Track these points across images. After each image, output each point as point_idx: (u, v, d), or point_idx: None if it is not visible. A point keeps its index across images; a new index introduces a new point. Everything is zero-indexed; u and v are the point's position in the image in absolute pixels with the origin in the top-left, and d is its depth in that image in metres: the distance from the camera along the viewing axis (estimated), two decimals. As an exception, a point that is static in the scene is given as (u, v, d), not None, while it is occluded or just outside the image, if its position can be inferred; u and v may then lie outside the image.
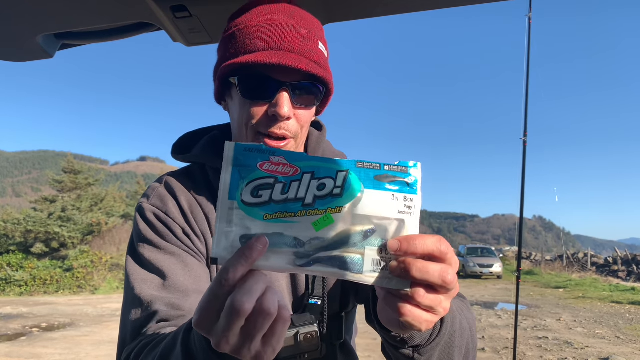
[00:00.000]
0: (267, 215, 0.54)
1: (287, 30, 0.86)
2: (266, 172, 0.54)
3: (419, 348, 0.69)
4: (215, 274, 0.96)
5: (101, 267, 18.66)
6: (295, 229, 0.54)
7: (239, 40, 0.88)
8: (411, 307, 0.55)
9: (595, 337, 8.62)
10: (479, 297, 14.92)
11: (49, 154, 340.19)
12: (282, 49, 0.84)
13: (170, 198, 0.98)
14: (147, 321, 0.85)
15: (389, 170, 0.56)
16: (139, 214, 0.97)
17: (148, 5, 1.07)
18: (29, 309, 12.81)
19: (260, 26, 0.86)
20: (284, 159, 0.55)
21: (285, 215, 0.54)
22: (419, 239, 0.54)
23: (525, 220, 10.62)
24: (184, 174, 1.03)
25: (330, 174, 0.55)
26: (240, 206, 0.54)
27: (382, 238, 0.55)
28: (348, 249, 0.54)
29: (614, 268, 25.15)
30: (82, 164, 25.77)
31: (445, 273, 0.54)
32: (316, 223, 0.54)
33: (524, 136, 4.99)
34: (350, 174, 0.55)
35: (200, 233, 0.97)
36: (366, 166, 0.55)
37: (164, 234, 0.94)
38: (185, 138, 1.09)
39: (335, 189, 0.54)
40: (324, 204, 0.54)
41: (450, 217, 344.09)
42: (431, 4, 1.12)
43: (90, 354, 7.71)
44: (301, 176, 0.54)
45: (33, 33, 1.18)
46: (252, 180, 0.54)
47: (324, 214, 0.54)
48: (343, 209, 0.54)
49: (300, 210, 0.54)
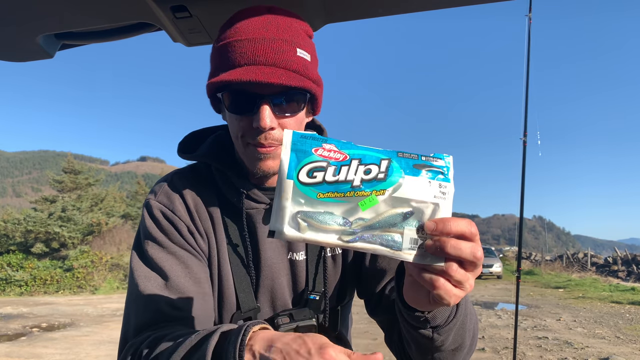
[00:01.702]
0: (320, 194, 0.60)
1: (261, 43, 0.87)
2: (320, 157, 0.61)
3: (438, 328, 0.76)
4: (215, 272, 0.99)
5: (101, 267, 18.67)
6: (344, 207, 0.61)
7: (218, 57, 0.91)
8: (444, 281, 0.61)
9: (595, 337, 8.63)
10: (479, 297, 14.93)
11: (49, 154, 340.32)
12: (257, 63, 0.86)
13: (177, 196, 1.00)
14: (151, 319, 0.89)
15: (425, 160, 0.63)
16: (146, 210, 1.00)
17: (148, 6, 1.07)
18: (29, 309, 12.81)
19: (236, 42, 0.88)
20: (335, 147, 0.62)
21: (336, 195, 0.60)
22: (453, 221, 0.60)
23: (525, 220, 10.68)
24: (191, 172, 1.06)
25: (375, 161, 0.62)
26: (297, 185, 0.60)
27: (419, 220, 0.61)
28: (389, 228, 0.61)
29: (614, 268, 25.16)
30: (82, 164, 25.77)
31: (475, 250, 0.61)
32: (363, 203, 0.60)
33: (524, 136, 4.99)
34: (392, 162, 0.62)
35: (203, 232, 1.00)
36: (406, 156, 0.63)
37: (168, 232, 0.97)
38: (191, 137, 1.11)
39: (380, 174, 0.61)
40: (370, 186, 0.61)
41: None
42: (431, 4, 1.12)
43: (91, 354, 7.71)
44: (350, 162, 0.61)
45: (33, 33, 1.18)
46: (307, 162, 0.61)
47: (370, 195, 0.61)
48: (386, 191, 0.61)
49: (350, 191, 0.60)
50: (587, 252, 29.81)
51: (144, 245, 0.96)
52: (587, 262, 27.59)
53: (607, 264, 26.86)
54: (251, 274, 0.99)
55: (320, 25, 1.22)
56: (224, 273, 0.99)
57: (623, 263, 25.41)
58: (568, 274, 22.98)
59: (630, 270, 23.95)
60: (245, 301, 0.99)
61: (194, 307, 0.92)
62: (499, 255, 28.90)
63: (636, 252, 27.55)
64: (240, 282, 0.99)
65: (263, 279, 1.01)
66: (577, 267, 26.29)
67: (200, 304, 0.93)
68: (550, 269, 26.17)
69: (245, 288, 0.99)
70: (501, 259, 26.15)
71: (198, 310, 0.92)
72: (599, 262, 28.03)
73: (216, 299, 0.99)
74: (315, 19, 1.18)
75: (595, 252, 34.88)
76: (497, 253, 27.83)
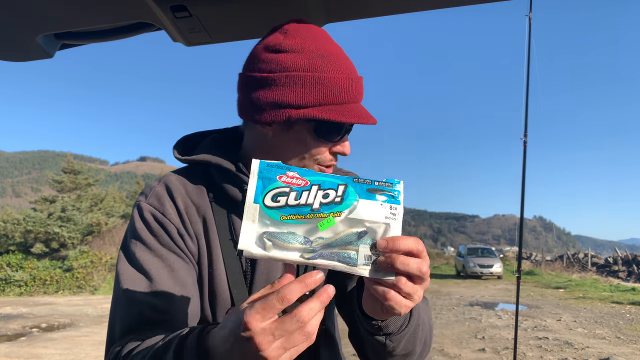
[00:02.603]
0: (283, 216, 0.67)
1: (360, 83, 0.98)
2: (283, 183, 0.68)
3: (390, 335, 0.85)
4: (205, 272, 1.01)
5: (101, 267, 18.67)
6: (305, 227, 0.67)
7: (324, 89, 0.93)
8: (394, 294, 0.68)
9: (595, 338, 8.63)
10: (479, 297, 14.93)
11: (49, 154, 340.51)
12: (358, 101, 0.97)
13: (168, 198, 1.01)
14: (134, 322, 0.90)
15: (378, 185, 0.70)
16: (137, 212, 1.01)
17: (148, 5, 1.07)
18: (28, 309, 12.81)
19: (346, 80, 0.95)
20: (297, 174, 0.69)
21: (297, 217, 0.67)
22: (402, 240, 0.67)
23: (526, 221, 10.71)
24: (183, 174, 1.06)
25: (332, 186, 0.69)
26: (263, 208, 0.67)
27: (372, 238, 0.68)
28: (346, 246, 0.68)
29: (614, 268, 25.15)
30: (82, 164, 25.79)
31: (421, 265, 0.68)
32: (321, 224, 0.67)
33: (524, 136, 4.99)
34: (348, 187, 0.69)
35: (194, 234, 1.01)
36: (361, 181, 0.70)
37: (158, 234, 0.98)
38: (185, 140, 1.13)
39: (337, 198, 0.68)
40: (328, 209, 0.68)
41: (450, 217, 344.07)
42: (431, 4, 1.12)
43: (90, 354, 7.71)
44: (310, 187, 0.68)
45: (33, 33, 1.18)
46: (272, 188, 0.68)
47: (328, 216, 0.67)
48: (342, 213, 0.68)
49: (310, 213, 0.67)
50: (588, 253, 29.81)
51: (131, 247, 0.98)
52: (588, 263, 27.60)
53: (607, 264, 26.86)
54: (246, 270, 1.01)
55: (320, 25, 1.22)
56: (217, 272, 1.00)
57: (623, 263, 25.41)
58: (568, 274, 22.99)
59: (630, 270, 23.95)
60: (239, 297, 1.01)
61: (178, 311, 0.94)
62: (499, 255, 28.88)
63: (637, 252, 27.55)
64: (234, 279, 1.01)
65: (258, 275, 1.02)
66: (578, 268, 26.30)
67: (184, 307, 0.95)
68: (551, 269, 26.17)
69: (239, 284, 1.01)
70: (501, 259, 26.11)
71: (182, 313, 0.94)
72: (600, 262, 28.02)
73: (207, 297, 1.01)
74: (315, 19, 1.18)
75: (595, 252, 34.88)
76: (497, 253, 27.82)
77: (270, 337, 0.61)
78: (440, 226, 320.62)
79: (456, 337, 8.76)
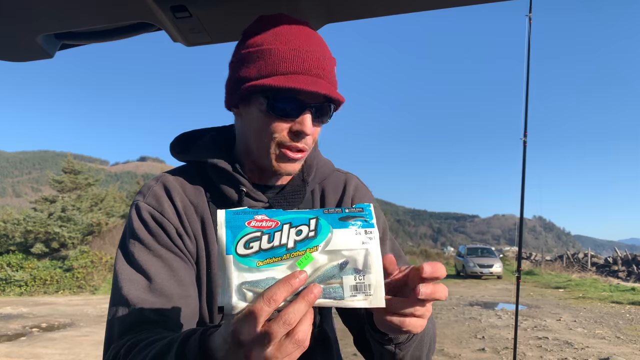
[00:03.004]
0: (259, 262, 0.64)
1: (315, 55, 0.94)
2: (253, 228, 0.66)
3: (400, 345, 0.86)
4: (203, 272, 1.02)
5: (101, 267, 18.67)
6: (283, 269, 0.64)
7: (269, 60, 0.93)
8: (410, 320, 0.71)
9: (595, 337, 8.63)
10: (479, 297, 14.93)
11: (49, 154, 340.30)
12: (312, 74, 0.93)
13: (166, 198, 1.01)
14: (133, 321, 0.90)
15: (349, 212, 0.69)
16: (135, 212, 1.00)
17: (148, 6, 1.07)
18: (29, 309, 12.81)
19: (292, 50, 0.93)
20: (266, 216, 0.67)
21: (274, 260, 0.64)
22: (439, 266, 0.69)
23: (525, 221, 10.71)
24: (180, 174, 1.06)
25: (304, 222, 0.67)
26: (237, 258, 0.64)
27: (354, 266, 0.66)
28: (329, 280, 0.65)
29: (614, 268, 25.15)
30: (82, 164, 25.78)
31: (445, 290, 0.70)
32: (300, 262, 0.64)
33: (524, 136, 4.99)
34: (320, 219, 0.67)
35: (192, 234, 1.01)
36: (331, 212, 0.69)
37: (156, 234, 0.98)
38: (182, 138, 1.12)
39: (310, 232, 0.66)
40: (304, 245, 0.65)
41: (450, 217, 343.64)
42: (431, 4, 1.12)
43: (90, 354, 7.71)
44: (281, 227, 0.66)
45: (33, 33, 1.18)
46: (243, 236, 0.65)
47: (305, 253, 0.65)
48: (319, 247, 0.65)
49: (286, 254, 0.65)
50: (587, 252, 29.79)
51: (129, 247, 0.97)
52: (587, 262, 27.59)
53: (607, 264, 26.85)
54: None
55: (320, 25, 1.22)
56: (215, 272, 1.01)
57: (623, 263, 25.40)
58: (568, 274, 22.97)
59: (630, 270, 23.94)
60: None
61: (177, 310, 0.93)
62: (499, 255, 28.87)
63: (636, 252, 27.54)
64: None
65: None
66: (577, 267, 26.29)
67: (184, 306, 0.95)
68: (551, 269, 26.17)
69: None
70: (501, 259, 26.12)
71: (181, 313, 0.94)
72: (599, 262, 28.01)
73: (205, 297, 1.01)
74: (315, 19, 1.18)
75: (595, 252, 34.84)
76: (497, 253, 27.82)
77: (259, 347, 0.59)
78: (440, 226, 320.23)
79: (456, 337, 8.76)
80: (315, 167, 1.10)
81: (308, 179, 1.07)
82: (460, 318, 10.88)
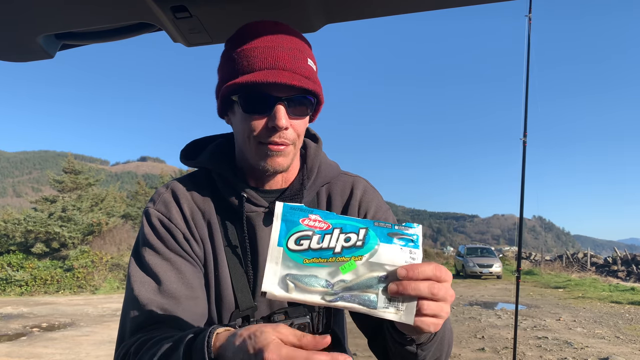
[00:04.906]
0: (306, 259, 0.69)
1: (280, 50, 0.96)
2: (306, 227, 0.70)
3: (422, 345, 0.87)
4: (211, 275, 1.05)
5: (101, 267, 18.66)
6: (327, 270, 0.69)
7: (237, 62, 0.97)
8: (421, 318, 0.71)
9: (594, 337, 8.63)
10: (479, 297, 14.93)
11: (50, 154, 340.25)
12: (277, 67, 0.95)
13: (174, 204, 1.06)
14: (144, 321, 0.95)
15: (398, 229, 0.71)
16: (145, 218, 1.07)
17: (148, 6, 1.07)
18: (29, 308, 12.81)
19: (256, 49, 0.96)
20: (320, 217, 0.71)
21: (320, 260, 0.69)
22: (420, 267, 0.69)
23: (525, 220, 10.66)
24: (189, 180, 1.11)
25: (354, 230, 0.71)
26: (286, 251, 0.69)
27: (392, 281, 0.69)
28: (366, 289, 0.69)
29: (614, 268, 25.15)
30: (83, 164, 25.75)
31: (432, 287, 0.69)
32: (343, 267, 0.69)
33: (524, 136, 5.00)
34: (369, 231, 0.71)
35: (199, 238, 1.05)
36: (381, 225, 0.71)
37: (165, 239, 1.03)
38: (193, 145, 1.18)
39: (358, 242, 0.70)
40: (350, 252, 0.70)
41: (450, 217, 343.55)
42: (431, 5, 1.12)
43: (91, 353, 7.72)
44: (332, 230, 0.70)
45: (33, 33, 1.19)
46: (295, 232, 0.70)
47: (349, 260, 0.69)
48: (364, 257, 0.69)
49: (332, 257, 0.69)
50: (587, 252, 29.79)
51: (141, 252, 1.03)
52: (587, 262, 27.58)
53: (606, 264, 26.85)
54: (249, 274, 1.04)
55: (321, 25, 1.23)
56: (222, 275, 1.04)
57: (623, 263, 25.40)
58: (568, 274, 22.97)
59: (630, 270, 23.94)
60: (243, 300, 1.04)
61: (185, 311, 0.98)
62: (499, 255, 28.87)
63: (636, 252, 27.55)
64: (238, 283, 1.04)
65: (260, 279, 1.04)
66: (577, 267, 26.29)
67: (191, 307, 0.99)
68: (550, 269, 26.16)
69: (243, 288, 1.04)
70: (501, 259, 26.12)
71: (188, 313, 0.99)
72: (599, 262, 28.01)
73: (213, 299, 1.05)
74: (315, 19, 1.18)
75: (595, 252, 34.86)
76: (497, 253, 27.82)
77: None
78: (439, 226, 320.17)
79: (456, 336, 8.76)
80: (317, 170, 1.11)
81: (307, 182, 1.08)
82: (460, 318, 10.88)
